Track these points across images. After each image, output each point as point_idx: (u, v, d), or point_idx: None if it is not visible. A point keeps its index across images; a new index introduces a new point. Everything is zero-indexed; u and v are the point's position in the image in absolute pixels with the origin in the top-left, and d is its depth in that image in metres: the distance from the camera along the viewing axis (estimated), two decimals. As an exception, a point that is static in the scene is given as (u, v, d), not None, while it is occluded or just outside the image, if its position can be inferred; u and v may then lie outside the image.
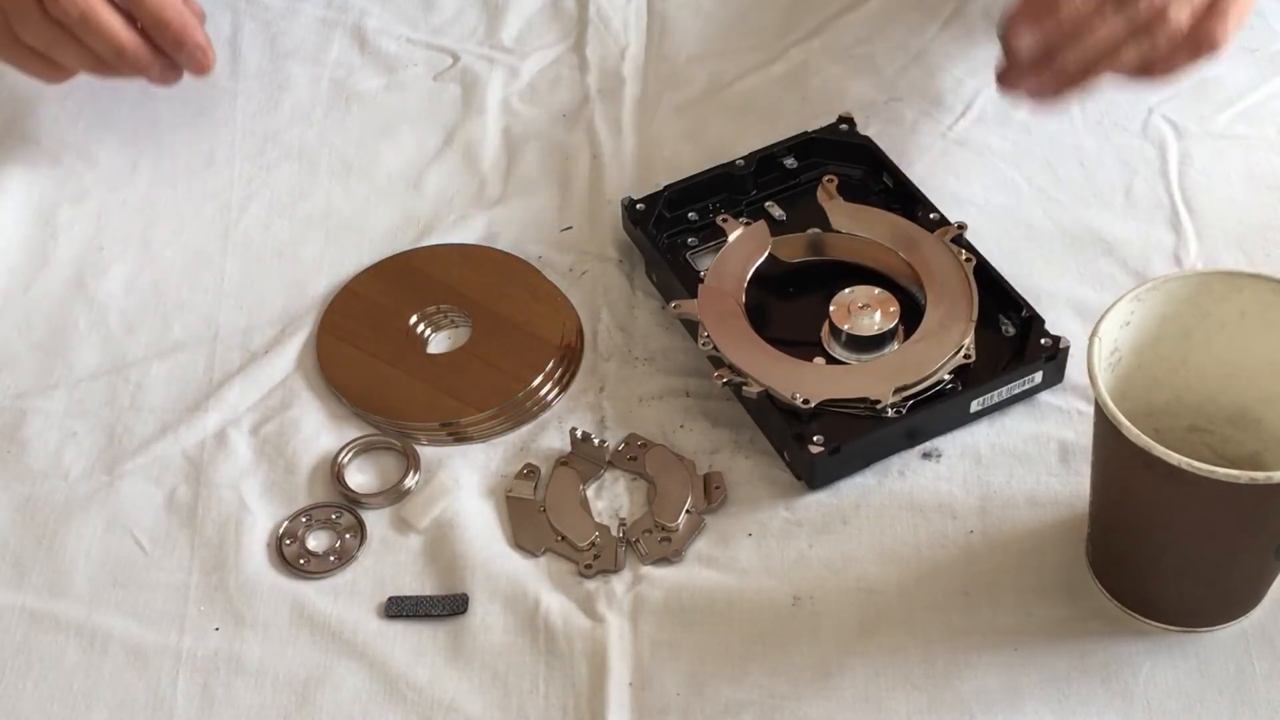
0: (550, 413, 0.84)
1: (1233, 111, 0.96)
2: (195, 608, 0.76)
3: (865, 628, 0.74)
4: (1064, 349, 0.81)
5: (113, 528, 0.79)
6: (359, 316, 0.87)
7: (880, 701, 0.72)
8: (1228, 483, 0.65)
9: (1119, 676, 0.73)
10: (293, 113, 0.99)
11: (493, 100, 0.99)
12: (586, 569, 0.77)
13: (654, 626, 0.75)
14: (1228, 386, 0.74)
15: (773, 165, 0.91)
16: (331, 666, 0.74)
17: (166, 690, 0.74)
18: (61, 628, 0.76)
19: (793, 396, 0.78)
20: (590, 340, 0.87)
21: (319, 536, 0.79)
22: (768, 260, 0.86)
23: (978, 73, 0.99)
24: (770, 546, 0.78)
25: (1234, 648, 0.73)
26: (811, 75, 1.00)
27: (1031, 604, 0.75)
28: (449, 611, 0.76)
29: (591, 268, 0.90)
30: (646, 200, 0.88)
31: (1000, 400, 0.81)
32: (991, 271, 0.84)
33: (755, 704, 0.72)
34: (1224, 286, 0.72)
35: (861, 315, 0.82)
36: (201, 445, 0.82)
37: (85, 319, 0.88)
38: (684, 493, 0.79)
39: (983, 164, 0.94)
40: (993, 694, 0.72)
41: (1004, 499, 0.79)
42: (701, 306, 0.83)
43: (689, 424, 0.82)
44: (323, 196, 0.95)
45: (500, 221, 0.93)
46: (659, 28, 1.03)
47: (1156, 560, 0.72)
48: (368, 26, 1.04)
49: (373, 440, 0.82)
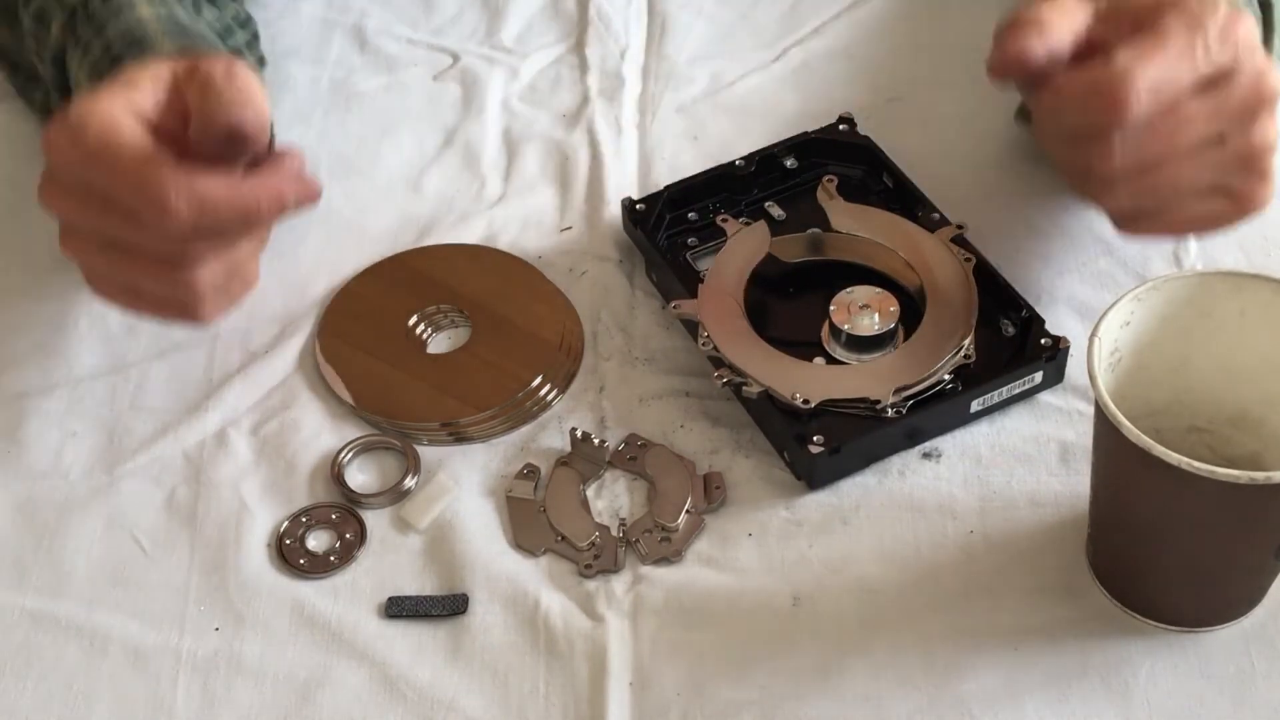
0: (550, 413, 0.84)
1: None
2: (195, 608, 0.76)
3: (865, 628, 0.74)
4: (1064, 349, 0.81)
5: (113, 528, 0.79)
6: (359, 317, 0.87)
7: (880, 701, 0.72)
8: (1228, 483, 0.65)
9: (1119, 676, 0.73)
10: (293, 113, 0.99)
11: (493, 100, 0.99)
12: (586, 569, 0.77)
13: (654, 626, 0.75)
14: (1228, 386, 0.74)
15: (773, 165, 0.91)
16: (331, 666, 0.74)
17: (166, 690, 0.74)
18: (61, 628, 0.76)
19: (793, 396, 0.78)
20: (590, 340, 0.87)
21: (319, 536, 0.79)
22: (768, 260, 0.86)
23: (977, 72, 0.99)
24: (770, 546, 0.78)
25: (1234, 648, 0.73)
26: (811, 75, 1.00)
27: (1032, 604, 0.75)
28: (449, 611, 0.76)
29: (591, 268, 0.90)
30: (647, 200, 0.89)
31: (1000, 400, 0.81)
32: (991, 271, 0.84)
33: (755, 704, 0.72)
34: (1224, 286, 0.72)
35: (861, 315, 0.82)
36: (201, 445, 0.82)
37: (85, 319, 0.88)
38: (684, 493, 0.79)
39: (982, 164, 0.94)
40: (993, 694, 0.72)
41: (1004, 499, 0.79)
42: (701, 306, 0.83)
43: (689, 424, 0.82)
44: (323, 196, 0.94)
45: (500, 221, 0.93)
46: (659, 28, 1.04)
47: (1157, 560, 0.72)
48: (368, 26, 1.04)
49: (373, 440, 0.82)
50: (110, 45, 0.82)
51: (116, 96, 0.72)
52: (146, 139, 0.72)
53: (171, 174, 0.70)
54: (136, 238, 0.73)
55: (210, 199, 0.71)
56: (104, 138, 0.71)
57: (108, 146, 0.71)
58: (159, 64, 0.74)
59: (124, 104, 0.72)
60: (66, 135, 0.72)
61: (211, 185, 0.71)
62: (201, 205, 0.70)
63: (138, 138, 0.71)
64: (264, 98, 0.73)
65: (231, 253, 0.75)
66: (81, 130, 0.71)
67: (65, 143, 0.72)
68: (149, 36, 0.81)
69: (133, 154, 0.71)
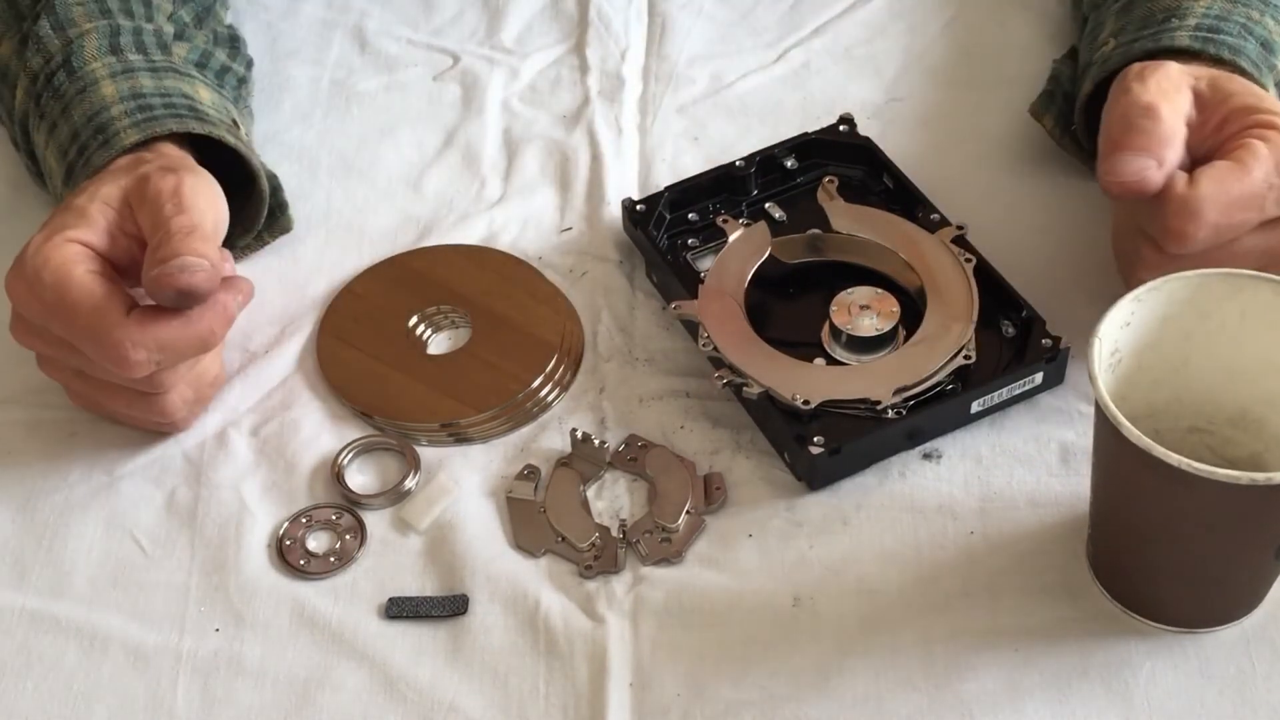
0: (550, 413, 0.84)
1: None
2: (195, 608, 0.76)
3: (865, 628, 0.74)
4: (1064, 350, 0.81)
5: (113, 528, 0.79)
6: (359, 317, 0.87)
7: (880, 701, 0.72)
8: (1229, 484, 0.65)
9: (1120, 677, 0.73)
10: (293, 113, 0.99)
11: (493, 101, 0.99)
12: (587, 570, 0.77)
13: (654, 627, 0.75)
14: (1228, 387, 0.74)
15: (773, 166, 0.91)
16: (332, 667, 0.74)
17: (166, 690, 0.74)
18: (61, 628, 0.76)
19: (793, 397, 0.78)
20: (590, 341, 0.87)
21: (319, 537, 0.79)
22: (768, 261, 0.86)
23: (978, 72, 0.99)
24: (770, 547, 0.78)
25: (1235, 648, 0.73)
26: (812, 75, 1.00)
27: (1032, 605, 0.75)
28: (449, 612, 0.76)
29: (592, 268, 0.90)
30: (647, 201, 0.88)
31: (1000, 401, 0.81)
32: (992, 272, 0.84)
33: (755, 704, 0.72)
34: (1224, 287, 0.72)
35: (862, 316, 0.82)
36: (201, 446, 0.82)
37: (85, 319, 0.88)
38: (684, 493, 0.79)
39: (982, 164, 0.94)
40: (993, 694, 0.72)
41: (1004, 500, 0.79)
42: (702, 307, 0.83)
43: (689, 424, 0.82)
44: (323, 197, 0.95)
45: (500, 222, 0.93)
46: (659, 28, 1.03)
47: (1157, 561, 0.72)
48: (368, 27, 1.04)
49: (373, 441, 0.82)
50: (77, 133, 0.83)
51: (69, 242, 0.76)
52: (100, 289, 0.76)
53: (125, 328, 0.75)
54: (105, 375, 0.77)
55: (166, 341, 0.75)
56: (58, 292, 0.75)
57: (62, 301, 0.75)
58: (111, 186, 0.78)
59: (76, 252, 0.76)
60: (24, 285, 0.76)
61: (165, 328, 0.75)
62: (159, 348, 0.75)
63: (91, 291, 0.75)
64: (217, 209, 0.78)
65: (195, 367, 0.80)
66: (38, 282, 0.76)
67: (23, 292, 0.76)
68: (111, 123, 0.82)
69: (88, 309, 0.75)
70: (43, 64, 0.85)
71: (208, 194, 0.78)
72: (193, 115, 0.83)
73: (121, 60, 0.85)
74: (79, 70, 0.84)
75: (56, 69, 0.85)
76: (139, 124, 0.82)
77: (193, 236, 0.75)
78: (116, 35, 0.86)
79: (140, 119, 0.82)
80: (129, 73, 0.84)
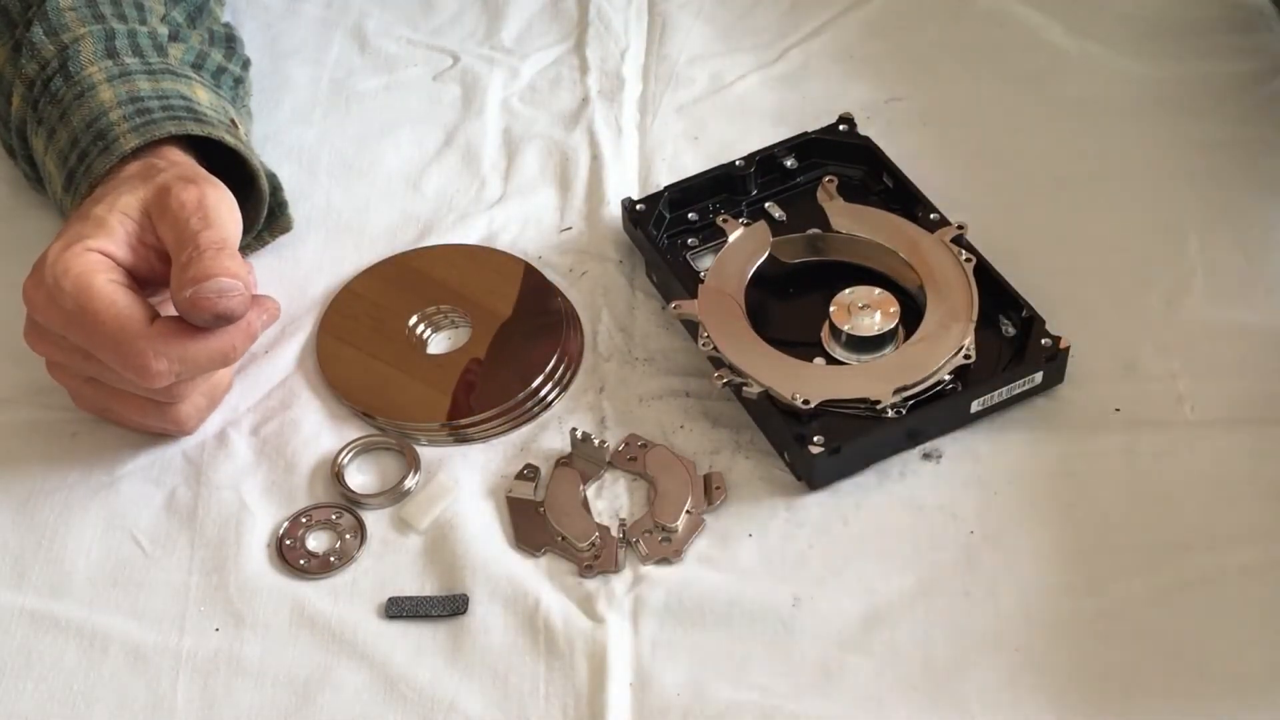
0: (550, 413, 0.84)
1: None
2: (195, 608, 0.76)
3: (865, 628, 0.74)
4: (1064, 350, 0.81)
5: (113, 528, 0.79)
6: (359, 317, 0.87)
7: (880, 701, 0.72)
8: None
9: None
10: (292, 113, 0.99)
11: (493, 101, 0.99)
12: (587, 569, 0.77)
13: (654, 627, 0.75)
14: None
15: (773, 166, 0.91)
16: (332, 667, 0.74)
17: (166, 690, 0.74)
18: (61, 628, 0.76)
19: (793, 397, 0.78)
20: (590, 341, 0.87)
21: (319, 537, 0.79)
22: (768, 260, 0.86)
23: (978, 72, 0.99)
24: (770, 546, 0.78)
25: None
26: (811, 75, 1.00)
27: (1032, 604, 0.75)
28: (449, 612, 0.76)
29: (591, 268, 0.90)
30: (647, 201, 0.89)
31: (1000, 401, 0.81)
32: (991, 272, 0.84)
33: (755, 704, 0.72)
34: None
35: (861, 315, 0.82)
36: (201, 446, 0.82)
37: (85, 319, 0.88)
38: (684, 493, 0.79)
39: (982, 163, 0.94)
40: (993, 694, 0.72)
41: (1004, 500, 0.79)
42: (701, 307, 0.83)
43: (689, 424, 0.82)
44: (323, 196, 0.95)
45: (500, 221, 0.93)
46: (659, 28, 1.04)
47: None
48: (368, 27, 1.04)
49: (373, 440, 0.82)
50: (77, 139, 0.83)
51: (89, 251, 0.76)
52: (122, 299, 0.75)
53: (148, 339, 0.74)
54: (120, 384, 0.77)
55: (189, 354, 0.75)
56: (80, 301, 0.75)
57: (84, 311, 0.75)
58: (129, 196, 0.77)
59: (96, 261, 0.76)
60: (43, 294, 0.75)
61: (189, 342, 0.75)
62: (182, 361, 0.75)
63: (113, 301, 0.75)
64: (237, 221, 0.78)
65: (211, 377, 0.80)
66: (58, 291, 0.75)
67: (43, 300, 0.76)
68: (111, 128, 0.82)
69: (110, 319, 0.74)
70: (38, 70, 0.85)
71: (228, 206, 0.78)
72: (191, 117, 0.83)
73: (118, 64, 0.85)
74: (76, 75, 0.84)
75: (53, 74, 0.85)
76: (138, 128, 0.82)
77: (223, 254, 0.75)
78: (112, 39, 0.86)
79: (139, 123, 0.82)
80: (126, 76, 0.84)
